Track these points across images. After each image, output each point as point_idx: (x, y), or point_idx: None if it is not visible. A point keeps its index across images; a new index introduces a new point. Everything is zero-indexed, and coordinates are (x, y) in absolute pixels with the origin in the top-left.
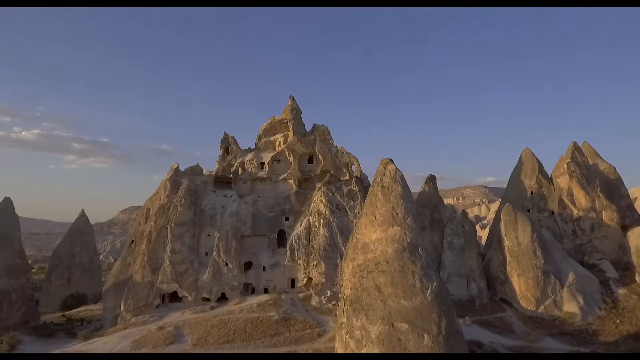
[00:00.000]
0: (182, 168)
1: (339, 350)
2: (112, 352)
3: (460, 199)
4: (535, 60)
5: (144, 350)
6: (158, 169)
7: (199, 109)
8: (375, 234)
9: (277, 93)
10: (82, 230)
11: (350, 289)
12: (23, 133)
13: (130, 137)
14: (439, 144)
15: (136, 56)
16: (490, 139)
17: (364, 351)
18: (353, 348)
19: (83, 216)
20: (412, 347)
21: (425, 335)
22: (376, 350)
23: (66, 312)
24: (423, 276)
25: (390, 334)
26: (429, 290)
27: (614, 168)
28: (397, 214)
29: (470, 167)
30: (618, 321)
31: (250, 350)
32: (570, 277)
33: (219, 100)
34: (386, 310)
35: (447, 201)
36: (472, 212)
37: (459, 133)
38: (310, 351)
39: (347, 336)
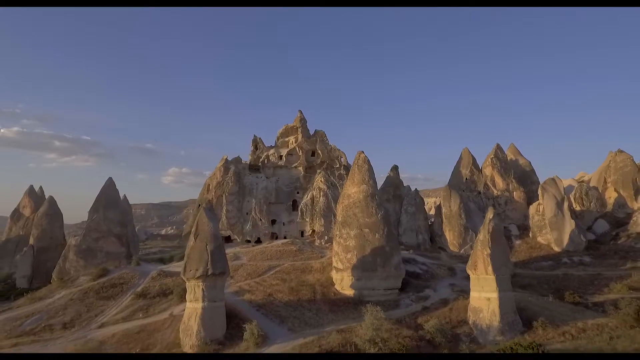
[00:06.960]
0: (168, 167)
1: (335, 246)
2: None
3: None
4: (532, 59)
5: None
6: (143, 168)
7: (182, 109)
8: (354, 189)
9: (266, 93)
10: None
11: (341, 217)
12: (2, 130)
13: (113, 135)
14: (427, 148)
15: (119, 54)
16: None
17: (347, 244)
18: (342, 242)
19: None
20: (370, 239)
21: (377, 234)
22: (353, 242)
23: None
24: (376, 208)
25: (360, 233)
26: (380, 215)
27: (530, 162)
28: (365, 178)
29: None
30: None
31: (282, 262)
32: None
33: (203, 100)
34: (358, 223)
35: (430, 200)
36: (438, 201)
37: (441, 138)
38: (317, 263)
39: (339, 238)
